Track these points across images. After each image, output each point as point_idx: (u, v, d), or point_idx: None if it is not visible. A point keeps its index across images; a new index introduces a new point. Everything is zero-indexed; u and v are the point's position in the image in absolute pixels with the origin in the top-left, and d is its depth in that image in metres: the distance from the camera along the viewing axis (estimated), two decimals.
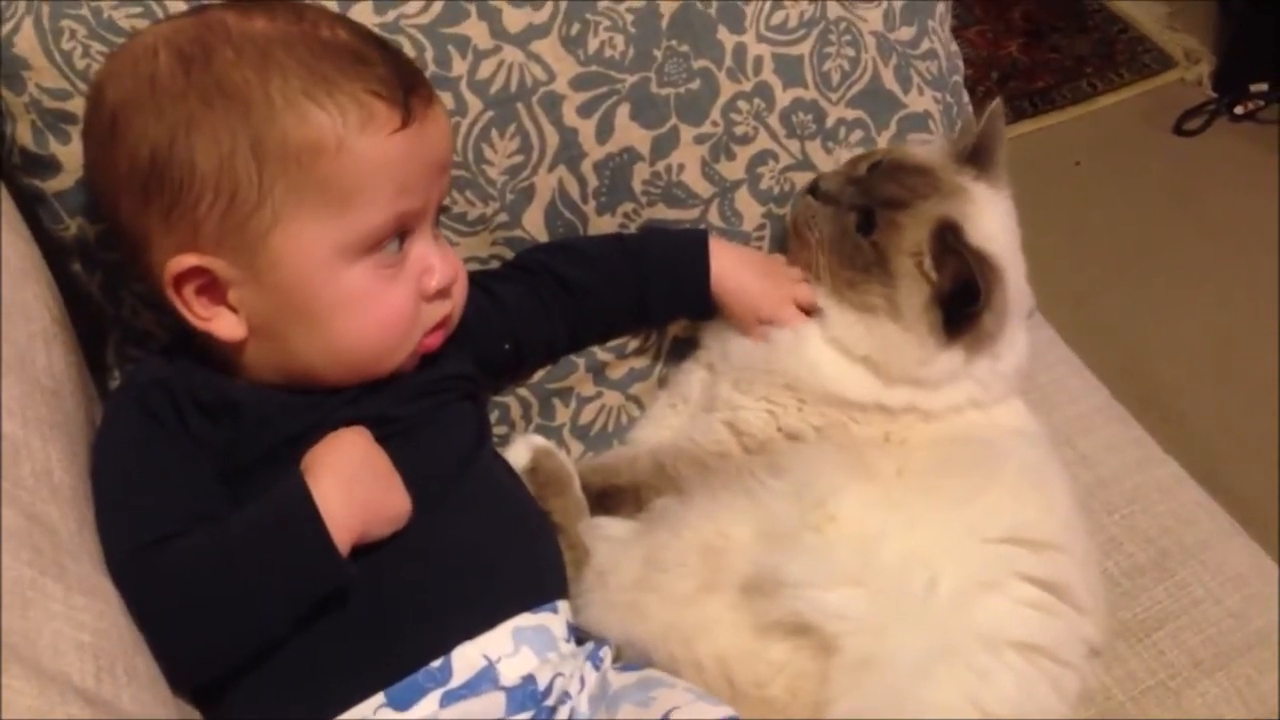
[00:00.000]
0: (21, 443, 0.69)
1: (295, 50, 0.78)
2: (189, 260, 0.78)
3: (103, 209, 0.86)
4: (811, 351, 1.01)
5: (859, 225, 1.00)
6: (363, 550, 0.77)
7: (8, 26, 0.84)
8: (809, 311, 1.02)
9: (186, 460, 0.79)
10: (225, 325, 0.80)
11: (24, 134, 0.87)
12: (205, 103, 0.76)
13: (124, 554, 0.73)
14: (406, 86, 0.80)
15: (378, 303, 0.81)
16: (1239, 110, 2.39)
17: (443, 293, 0.86)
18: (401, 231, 0.82)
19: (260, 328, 0.81)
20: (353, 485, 0.77)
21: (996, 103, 1.05)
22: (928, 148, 1.10)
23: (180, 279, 0.79)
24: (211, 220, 0.77)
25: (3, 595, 0.60)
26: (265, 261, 0.78)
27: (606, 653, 0.87)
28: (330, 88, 0.77)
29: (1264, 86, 2.38)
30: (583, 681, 0.83)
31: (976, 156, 1.04)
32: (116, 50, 0.84)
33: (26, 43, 0.85)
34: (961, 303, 0.96)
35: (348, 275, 0.80)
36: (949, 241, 0.97)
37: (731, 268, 1.03)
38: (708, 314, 1.06)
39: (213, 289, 0.80)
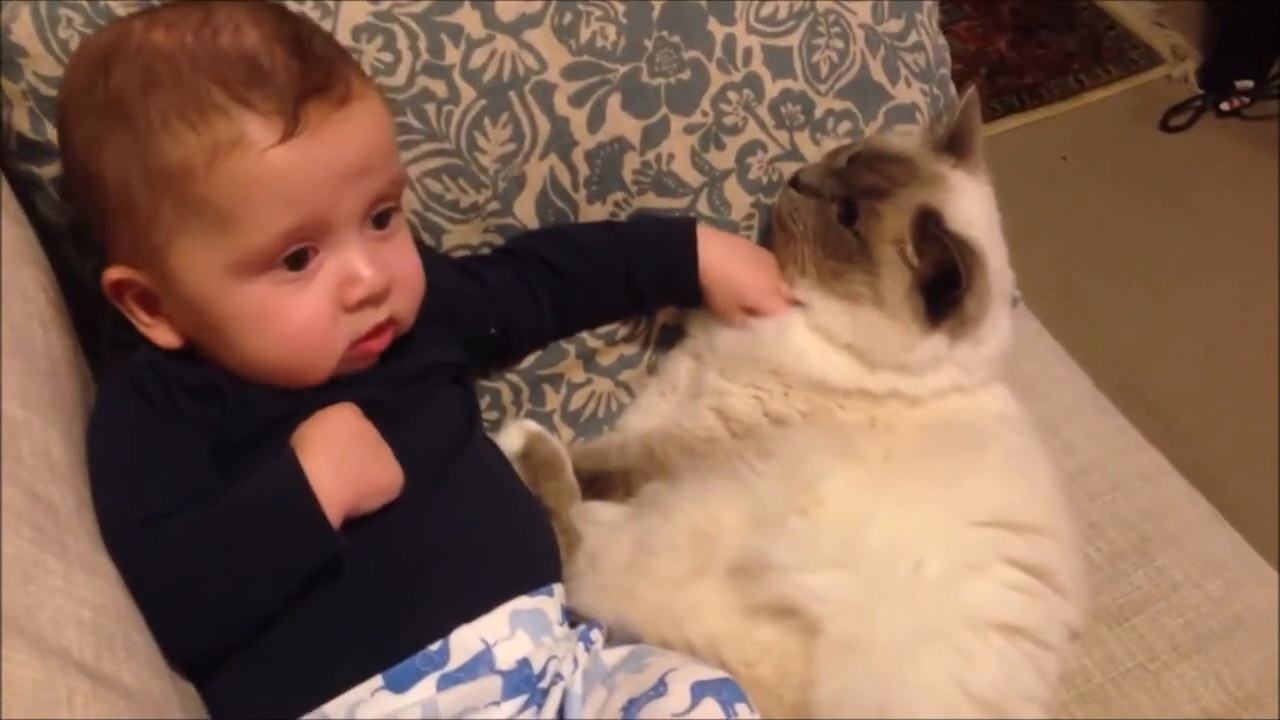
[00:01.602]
0: (21, 422, 0.70)
1: (177, 65, 0.76)
2: (115, 273, 0.80)
3: None
4: (796, 339, 1.02)
5: (841, 216, 1.01)
6: (360, 534, 0.78)
7: (5, 14, 0.85)
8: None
9: (180, 440, 0.80)
10: (161, 334, 0.82)
11: (21, 120, 0.88)
12: (106, 119, 0.77)
13: (120, 531, 0.74)
14: (306, 91, 0.76)
15: (281, 318, 0.79)
16: (1225, 107, 2.41)
17: (370, 301, 0.82)
18: (307, 244, 0.78)
19: (192, 338, 0.82)
20: (344, 459, 0.77)
21: (971, 91, 1.07)
22: (905, 138, 1.11)
23: (117, 288, 0.80)
24: (124, 235, 0.79)
25: (5, 571, 0.61)
26: (170, 278, 0.79)
27: (598, 634, 0.88)
28: (203, 106, 0.74)
29: (1250, 83, 2.39)
30: (575, 662, 0.84)
31: (953, 145, 1.05)
32: (74, 51, 0.85)
33: (24, 30, 0.86)
34: (944, 288, 0.97)
35: (245, 292, 0.78)
36: (929, 228, 0.98)
37: (719, 256, 1.04)
38: (696, 301, 1.07)
39: (148, 299, 0.81)
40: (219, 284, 0.78)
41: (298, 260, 0.79)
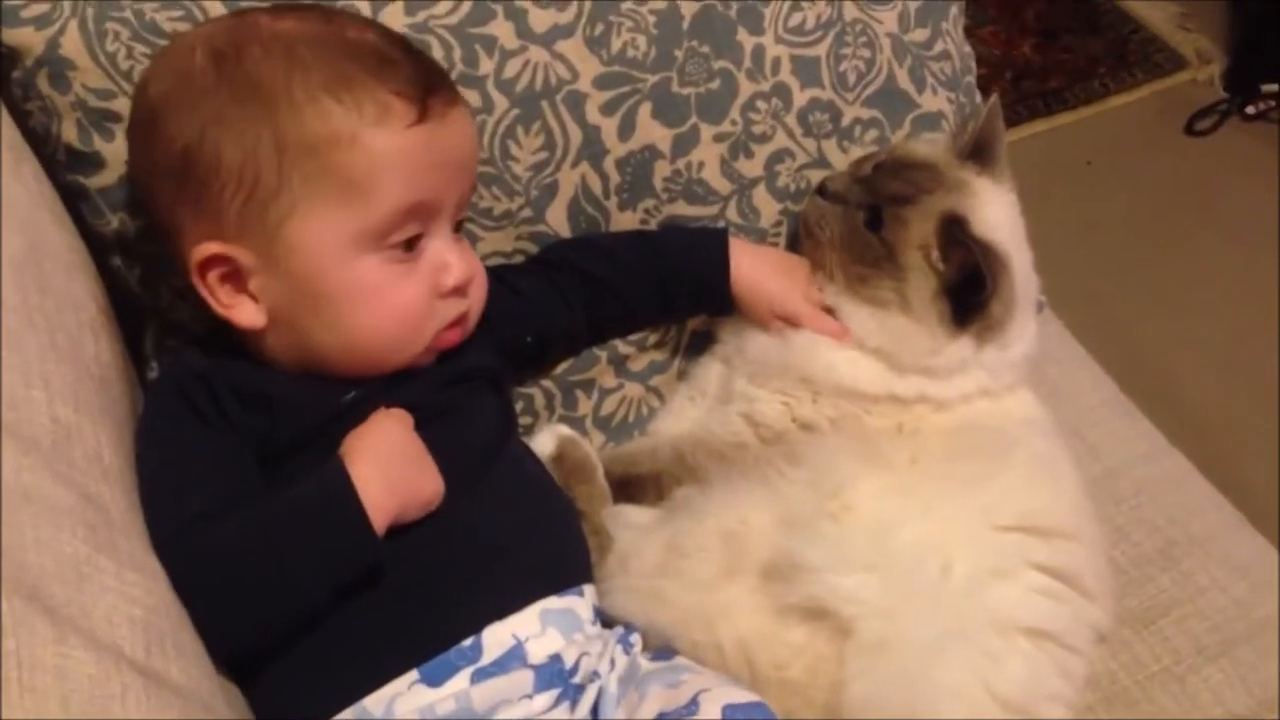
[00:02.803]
0: (74, 427, 0.72)
1: (319, 49, 0.81)
2: (211, 248, 0.82)
3: (143, 202, 0.89)
4: (824, 346, 1.03)
5: (867, 222, 1.03)
6: (398, 534, 0.80)
7: (54, 29, 0.87)
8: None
9: (226, 447, 0.82)
10: (246, 313, 0.84)
11: (69, 132, 0.90)
12: (234, 97, 0.80)
13: (168, 533, 0.75)
14: (427, 86, 0.83)
15: (389, 295, 0.84)
16: (1250, 110, 2.40)
17: (459, 291, 0.87)
18: (417, 226, 0.84)
19: (278, 317, 0.84)
20: (390, 469, 0.80)
21: (994, 99, 1.08)
22: (929, 145, 1.12)
23: (204, 266, 0.82)
24: (233, 209, 0.81)
25: (60, 570, 0.63)
26: (282, 249, 0.81)
27: (637, 638, 0.89)
28: (350, 84, 0.80)
29: (1275, 86, 2.38)
30: (613, 663, 0.86)
31: (978, 152, 1.06)
32: (161, 50, 0.87)
33: (72, 44, 0.88)
34: (969, 292, 0.98)
35: (359, 265, 0.83)
36: (955, 233, 0.99)
37: (750, 266, 1.06)
38: (727, 310, 1.08)
39: (235, 277, 0.83)
40: (336, 256, 0.82)
41: (409, 244, 0.84)
